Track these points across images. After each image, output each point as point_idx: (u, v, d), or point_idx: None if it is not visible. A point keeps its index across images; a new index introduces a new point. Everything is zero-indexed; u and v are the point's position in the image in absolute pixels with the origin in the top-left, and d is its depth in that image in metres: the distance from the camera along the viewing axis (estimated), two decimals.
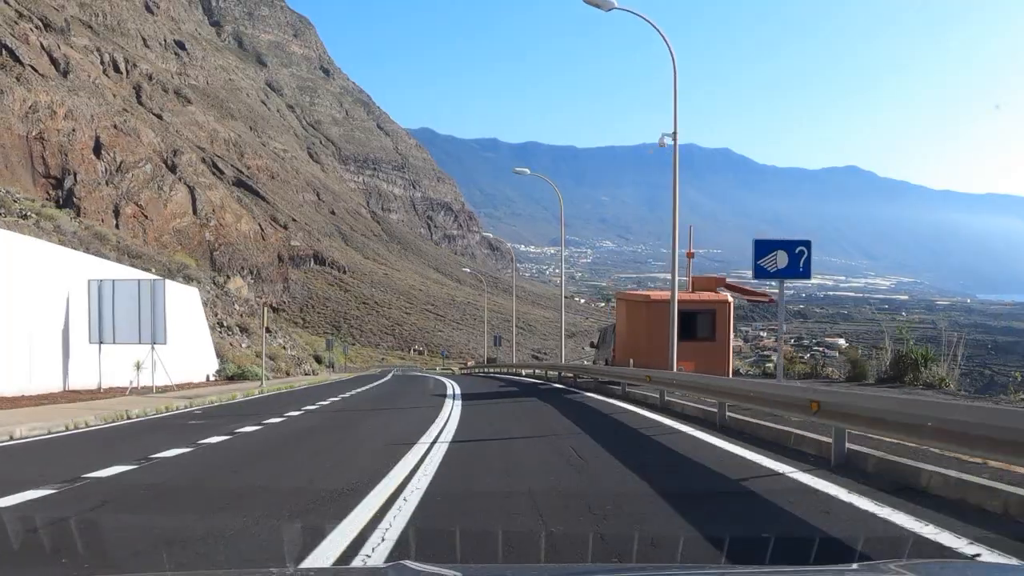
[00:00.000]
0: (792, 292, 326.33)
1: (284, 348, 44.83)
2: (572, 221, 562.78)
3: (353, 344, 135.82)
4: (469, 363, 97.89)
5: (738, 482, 7.57)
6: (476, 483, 7.88)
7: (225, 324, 35.62)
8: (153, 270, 29.25)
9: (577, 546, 5.14)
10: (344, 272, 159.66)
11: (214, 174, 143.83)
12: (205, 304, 30.47)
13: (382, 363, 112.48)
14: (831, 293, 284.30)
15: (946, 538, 5.13)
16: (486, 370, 57.47)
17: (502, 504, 6.61)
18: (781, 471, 7.96)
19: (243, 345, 35.72)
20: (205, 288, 35.65)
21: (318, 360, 57.36)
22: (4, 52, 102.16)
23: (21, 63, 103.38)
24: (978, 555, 4.70)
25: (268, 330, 27.88)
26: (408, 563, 2.59)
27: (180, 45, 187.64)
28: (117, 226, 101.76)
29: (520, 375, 40.82)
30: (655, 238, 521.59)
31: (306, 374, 42.82)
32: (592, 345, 33.20)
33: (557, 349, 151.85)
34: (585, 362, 48.86)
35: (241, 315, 40.01)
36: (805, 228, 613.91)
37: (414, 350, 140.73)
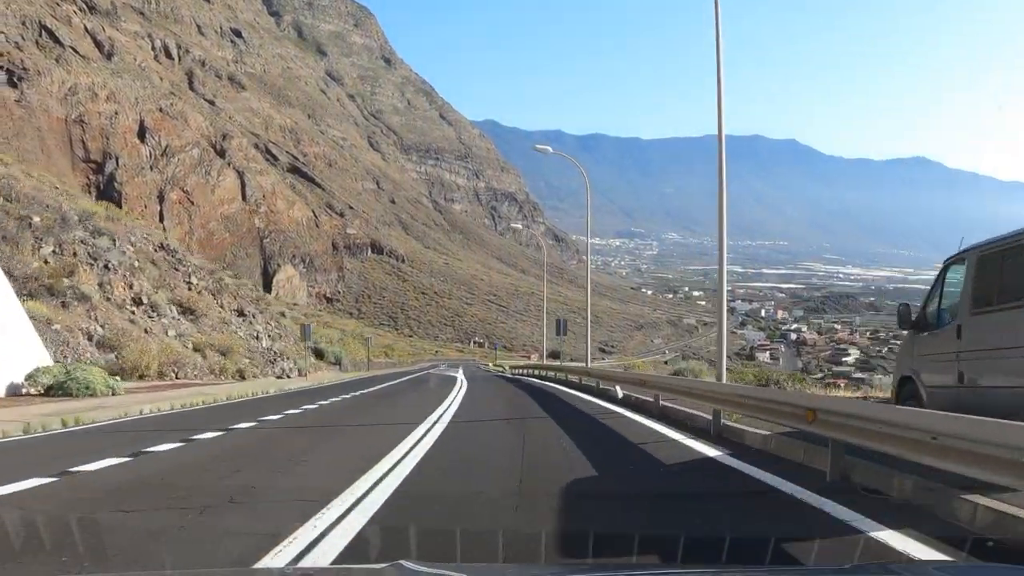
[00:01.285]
0: (861, 285, 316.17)
1: (256, 338, 34.58)
2: (636, 213, 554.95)
3: (410, 336, 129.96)
4: (532, 357, 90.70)
5: None
6: None
7: (147, 300, 25.66)
8: (38, 219, 21.97)
9: None
10: (403, 261, 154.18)
11: (267, 160, 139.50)
12: (114, 269, 22.76)
13: (436, 356, 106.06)
14: (900, 286, 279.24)
15: None
16: (544, 373, 38.58)
17: None
18: None
19: (172, 333, 26.05)
20: (120, 247, 26.40)
21: (319, 355, 46.46)
22: (44, 33, 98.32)
23: (61, 44, 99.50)
24: None
25: None
26: (406, 563, 2.47)
27: (237, 33, 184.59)
28: (162, 212, 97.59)
29: (616, 394, 19.49)
30: None
31: (280, 376, 33.20)
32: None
33: (625, 341, 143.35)
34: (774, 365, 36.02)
35: (200, 290, 31.54)
36: (872, 220, 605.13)
37: (474, 342, 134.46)
